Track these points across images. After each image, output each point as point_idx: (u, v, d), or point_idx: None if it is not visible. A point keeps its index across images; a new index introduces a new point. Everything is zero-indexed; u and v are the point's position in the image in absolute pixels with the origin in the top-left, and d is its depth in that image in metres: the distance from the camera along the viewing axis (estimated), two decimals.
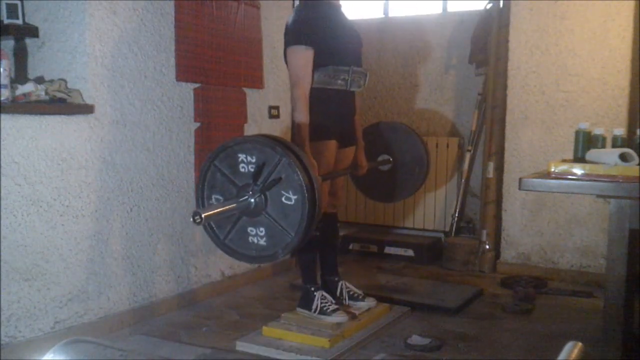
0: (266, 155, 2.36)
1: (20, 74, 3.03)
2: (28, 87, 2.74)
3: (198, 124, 3.55)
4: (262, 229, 2.40)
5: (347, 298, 3.18)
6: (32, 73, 3.08)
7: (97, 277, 3.02)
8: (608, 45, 3.93)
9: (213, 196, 2.48)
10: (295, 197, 2.31)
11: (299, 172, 2.30)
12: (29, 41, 3.08)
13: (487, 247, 4.34)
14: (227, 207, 2.34)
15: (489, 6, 4.55)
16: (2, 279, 2.60)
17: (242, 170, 2.40)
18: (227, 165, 2.44)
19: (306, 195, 2.29)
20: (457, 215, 4.72)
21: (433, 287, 3.88)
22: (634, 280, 2.52)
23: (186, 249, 3.52)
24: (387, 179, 3.65)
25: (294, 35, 2.87)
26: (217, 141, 3.64)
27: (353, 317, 3.06)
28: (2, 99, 2.60)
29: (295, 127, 2.88)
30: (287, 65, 2.94)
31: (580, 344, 1.11)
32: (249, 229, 2.42)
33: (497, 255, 4.37)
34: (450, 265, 4.44)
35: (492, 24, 4.44)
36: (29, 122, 2.68)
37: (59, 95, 2.82)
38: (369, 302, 3.21)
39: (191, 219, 2.21)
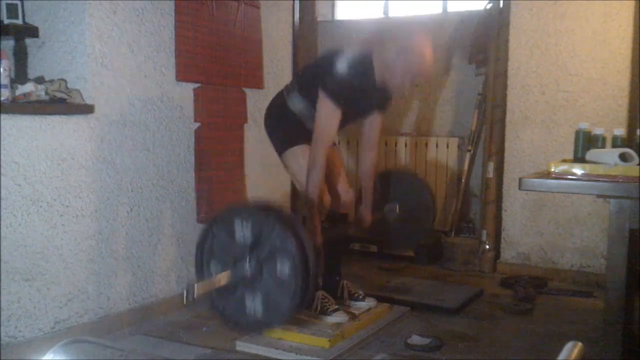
0: (261, 224, 2.35)
1: (20, 74, 3.03)
2: (28, 87, 2.73)
3: (198, 124, 3.55)
4: (258, 297, 2.38)
5: (347, 298, 3.18)
6: (32, 73, 3.07)
7: (97, 277, 3.02)
8: (608, 45, 3.93)
9: (211, 261, 2.48)
10: (289, 266, 2.29)
11: (292, 242, 2.28)
12: (29, 41, 3.08)
13: (487, 247, 4.34)
14: (221, 284, 2.36)
15: (489, 6, 4.55)
16: (2, 279, 2.60)
17: (239, 238, 2.39)
18: (225, 233, 2.44)
19: (299, 265, 2.27)
20: (457, 215, 4.72)
21: (433, 287, 3.88)
22: (634, 280, 2.52)
23: (186, 249, 3.52)
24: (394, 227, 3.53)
25: (334, 91, 2.83)
26: (217, 141, 3.66)
27: (353, 317, 3.05)
28: (2, 99, 2.60)
29: (304, 195, 2.90)
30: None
31: (580, 344, 1.11)
32: (247, 298, 2.40)
33: (497, 255, 4.36)
34: (450, 265, 4.44)
35: (492, 24, 4.44)
36: (29, 122, 2.68)
37: (59, 95, 2.82)
38: (369, 302, 3.21)
39: (184, 298, 2.24)
